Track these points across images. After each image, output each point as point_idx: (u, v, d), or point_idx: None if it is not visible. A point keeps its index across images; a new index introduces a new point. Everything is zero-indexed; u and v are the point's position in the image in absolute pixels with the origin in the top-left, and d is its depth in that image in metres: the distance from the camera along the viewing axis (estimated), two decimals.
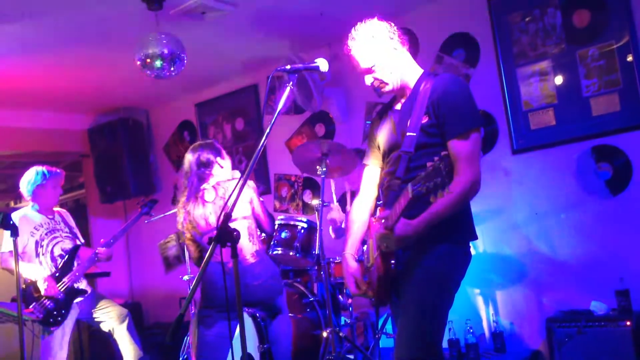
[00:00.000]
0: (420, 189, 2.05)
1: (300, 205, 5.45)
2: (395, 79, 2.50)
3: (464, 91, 2.40)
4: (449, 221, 2.34)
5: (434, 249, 2.37)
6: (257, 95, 5.75)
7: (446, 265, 2.38)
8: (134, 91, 5.90)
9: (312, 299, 4.17)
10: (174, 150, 6.45)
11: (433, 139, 2.37)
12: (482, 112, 4.43)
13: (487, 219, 4.40)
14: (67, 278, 4.08)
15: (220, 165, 3.56)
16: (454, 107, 2.34)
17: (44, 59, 4.75)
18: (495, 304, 4.39)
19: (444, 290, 2.39)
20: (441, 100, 2.35)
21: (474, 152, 2.35)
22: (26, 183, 4.28)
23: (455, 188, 2.27)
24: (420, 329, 2.35)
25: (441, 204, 2.26)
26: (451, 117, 2.34)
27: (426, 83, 2.43)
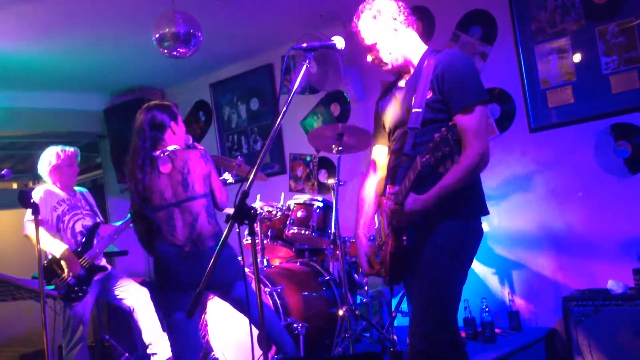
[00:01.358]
0: (429, 159, 2.07)
1: (316, 185, 5.46)
2: (393, 59, 2.50)
3: (467, 65, 2.40)
4: (459, 196, 2.34)
5: (445, 225, 2.37)
6: (272, 75, 5.73)
7: (457, 242, 2.39)
8: (150, 71, 5.91)
9: (328, 277, 4.20)
10: (189, 130, 6.46)
11: (439, 115, 2.37)
12: (499, 90, 4.39)
13: (504, 197, 4.39)
14: (87, 255, 4.14)
15: (173, 131, 3.35)
16: (458, 81, 2.35)
17: (59, 39, 4.77)
18: (511, 282, 4.39)
19: (456, 267, 2.40)
20: (445, 75, 2.36)
21: (481, 125, 2.35)
22: (42, 164, 4.34)
23: (464, 161, 2.29)
24: (434, 306, 2.36)
25: (450, 177, 2.28)
26: (455, 92, 2.34)
27: (430, 59, 2.44)
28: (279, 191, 5.60)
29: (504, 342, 4.01)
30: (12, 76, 5.40)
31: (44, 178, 4.38)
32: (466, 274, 2.45)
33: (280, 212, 4.32)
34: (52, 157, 4.31)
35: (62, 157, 4.33)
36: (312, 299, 4.13)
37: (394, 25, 2.47)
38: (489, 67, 4.42)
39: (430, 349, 2.34)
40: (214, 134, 6.25)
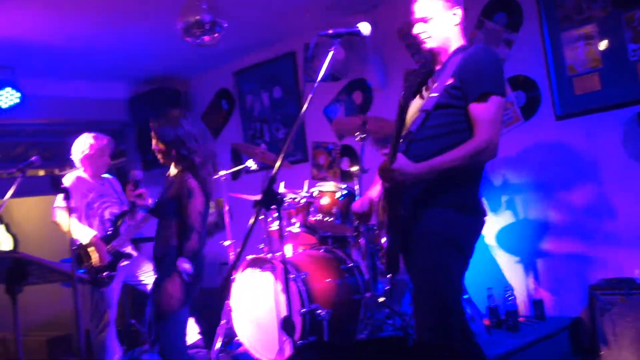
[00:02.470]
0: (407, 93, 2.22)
1: (338, 172, 5.46)
2: (440, 38, 2.52)
3: (490, 58, 2.42)
4: (456, 186, 2.36)
5: (439, 213, 2.38)
6: (294, 62, 5.73)
7: (452, 231, 2.38)
8: (173, 60, 5.95)
9: (351, 264, 4.21)
10: (212, 118, 6.51)
11: (453, 100, 2.39)
12: (524, 77, 4.35)
13: (529, 185, 4.36)
14: (114, 242, 4.20)
15: None
16: (477, 70, 2.37)
17: (84, 28, 4.81)
18: (536, 271, 4.37)
19: (453, 256, 2.39)
20: (467, 64, 2.39)
21: (494, 116, 2.35)
22: (75, 151, 4.41)
23: (469, 143, 2.31)
24: (435, 297, 2.37)
25: (450, 154, 2.31)
26: (473, 80, 2.37)
27: (458, 54, 2.47)
28: (301, 179, 5.62)
29: (528, 331, 4.01)
30: (39, 65, 5.48)
31: (77, 165, 4.45)
32: (466, 263, 2.45)
33: (303, 200, 4.34)
34: (85, 146, 4.36)
35: (95, 147, 4.39)
36: (335, 286, 4.15)
37: (453, 11, 2.51)
38: (514, 54, 4.38)
39: (438, 339, 2.35)
40: (236, 122, 6.28)
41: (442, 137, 2.40)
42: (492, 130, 2.32)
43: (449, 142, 2.37)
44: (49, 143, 7.38)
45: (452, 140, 2.37)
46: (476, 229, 2.46)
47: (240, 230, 5.26)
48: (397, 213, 2.38)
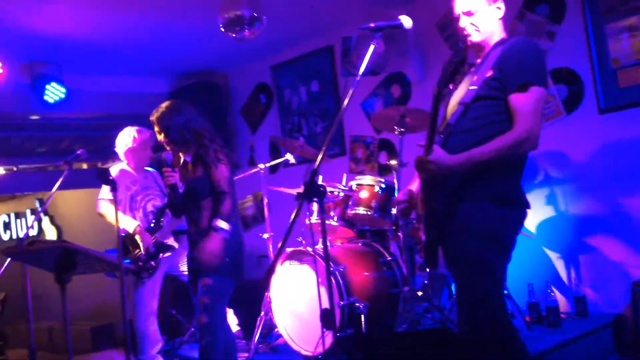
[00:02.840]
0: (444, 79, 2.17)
1: (376, 166, 5.46)
2: (485, 32, 2.50)
3: (530, 49, 2.40)
4: (496, 178, 2.34)
5: (477, 206, 2.36)
6: (332, 56, 5.74)
7: (490, 224, 2.35)
8: (212, 54, 6.02)
9: (389, 258, 4.22)
10: (250, 112, 6.57)
11: (493, 92, 2.37)
12: (567, 70, 4.28)
13: (571, 180, 4.30)
14: (157, 233, 4.29)
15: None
16: (516, 61, 2.34)
17: (126, 24, 4.91)
18: (578, 267, 4.31)
19: (493, 250, 2.36)
20: (507, 56, 2.37)
21: (534, 106, 2.31)
22: (119, 144, 4.50)
23: (508, 135, 2.28)
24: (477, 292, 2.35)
25: (488, 145, 2.28)
26: (512, 71, 2.34)
27: (499, 47, 2.45)
28: (339, 173, 5.64)
29: (569, 327, 3.96)
30: (83, 60, 5.60)
31: (120, 157, 4.55)
32: (506, 257, 2.42)
33: (342, 193, 4.36)
34: (129, 139, 4.45)
35: (138, 141, 4.48)
36: (373, 279, 4.17)
37: (497, 4, 2.50)
38: (556, 47, 4.31)
39: (480, 334, 2.33)
40: (274, 116, 6.33)
41: (481, 129, 2.38)
42: (533, 121, 2.29)
43: (488, 134, 2.34)
44: (92, 137, 7.56)
45: (492, 132, 2.35)
46: (516, 222, 2.43)
47: (279, 223, 5.33)
48: (433, 206, 2.37)
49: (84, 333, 7.46)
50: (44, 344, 7.97)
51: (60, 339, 8.03)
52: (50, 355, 7.74)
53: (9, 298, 8.63)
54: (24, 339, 8.49)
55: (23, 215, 9.73)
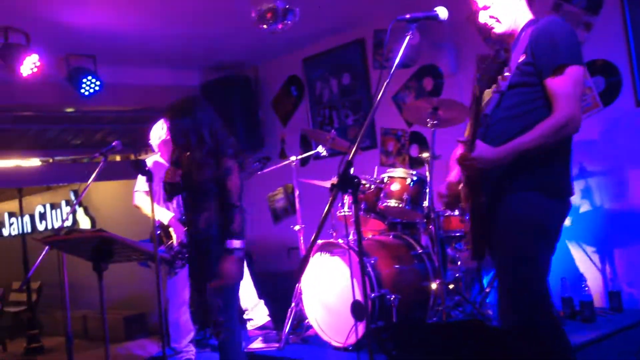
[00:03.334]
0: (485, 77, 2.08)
1: (407, 159, 5.44)
2: (507, 21, 2.47)
3: (562, 28, 2.34)
4: (540, 167, 2.30)
5: (523, 197, 2.33)
6: (364, 49, 5.73)
7: (538, 214, 2.33)
8: (244, 47, 6.06)
9: (421, 251, 4.21)
10: (281, 105, 6.59)
11: (527, 78, 2.33)
12: (603, 62, 4.21)
13: (607, 173, 4.23)
14: None
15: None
16: (549, 43, 2.29)
17: (158, 17, 4.96)
18: (613, 262, 4.24)
19: (538, 240, 2.34)
20: (538, 38, 2.32)
21: (573, 88, 2.27)
22: (153, 136, 4.57)
23: (549, 120, 2.24)
24: (520, 282, 2.33)
25: (530, 134, 2.24)
26: (546, 53, 2.29)
27: (529, 29, 2.41)
28: (369, 166, 5.64)
29: (604, 323, 3.90)
30: (115, 53, 5.68)
31: (154, 149, 4.62)
32: (552, 247, 2.39)
33: (373, 186, 4.36)
34: (163, 131, 4.51)
35: None
36: (404, 272, 4.16)
37: None
38: (593, 38, 4.23)
39: (523, 326, 2.31)
40: (305, 109, 6.34)
41: (519, 118, 2.35)
42: (573, 104, 2.25)
43: (527, 122, 2.31)
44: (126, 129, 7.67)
45: (530, 119, 2.31)
46: (562, 211, 2.40)
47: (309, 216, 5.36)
48: (479, 200, 2.36)
49: (117, 322, 7.60)
50: (78, 332, 8.13)
51: (94, 327, 8.20)
52: (85, 343, 7.90)
53: (44, 287, 8.84)
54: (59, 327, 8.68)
55: (58, 206, 9.93)
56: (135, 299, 7.85)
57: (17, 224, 10.65)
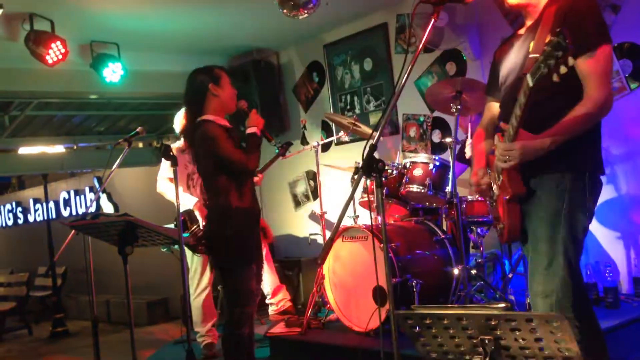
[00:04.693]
0: (542, 71, 1.96)
1: (429, 145, 5.41)
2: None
3: (589, 7, 2.30)
4: (575, 148, 2.28)
5: (561, 177, 2.30)
6: (386, 34, 5.69)
7: (574, 195, 2.31)
8: (266, 33, 6.05)
9: (443, 236, 4.20)
10: (302, 91, 6.59)
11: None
12: (631, 44, 4.14)
13: (632, 158, 4.17)
14: None
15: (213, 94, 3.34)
16: (578, 22, 2.25)
17: (181, 4, 4.97)
18: (638, 247, 4.20)
19: (576, 222, 2.32)
20: (566, 17, 2.27)
21: (604, 68, 2.25)
22: (176, 124, 4.60)
23: (585, 105, 2.21)
24: (556, 264, 2.30)
25: (569, 118, 2.21)
26: (576, 34, 2.21)
27: (552, 5, 2.36)
28: (391, 151, 5.62)
29: (628, 309, 3.88)
30: (138, 40, 5.71)
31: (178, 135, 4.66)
32: (586, 230, 2.38)
33: (395, 171, 4.35)
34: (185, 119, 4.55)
35: None
36: (426, 257, 4.16)
37: None
38: (620, 20, 4.16)
39: (554, 307, 2.31)
40: (327, 95, 6.33)
41: (552, 100, 2.31)
42: (606, 85, 2.24)
43: (561, 104, 2.27)
44: (149, 116, 7.74)
45: (564, 101, 2.28)
46: (597, 189, 2.38)
47: (331, 201, 5.36)
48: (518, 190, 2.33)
49: (140, 306, 7.72)
50: (102, 317, 8.27)
51: (117, 311, 8.33)
52: (109, 327, 8.04)
53: (69, 272, 8.99)
54: (83, 312, 8.85)
55: (82, 192, 10.08)
56: (158, 284, 7.95)
57: (42, 210, 10.83)
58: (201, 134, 3.24)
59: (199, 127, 3.27)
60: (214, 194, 3.31)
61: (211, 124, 3.27)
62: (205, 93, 3.31)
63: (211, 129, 3.23)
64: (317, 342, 4.19)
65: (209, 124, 3.27)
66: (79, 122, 7.77)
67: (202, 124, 3.29)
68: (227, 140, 3.24)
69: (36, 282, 9.65)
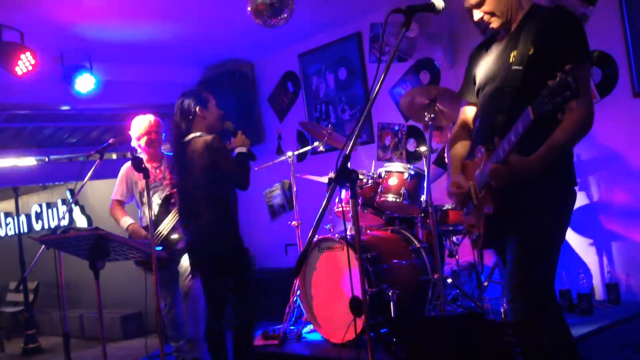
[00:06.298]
0: (546, 106, 1.93)
1: (404, 154, 5.43)
2: (503, 13, 2.42)
3: (573, 23, 2.31)
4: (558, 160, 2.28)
5: (544, 187, 2.31)
6: (360, 43, 5.70)
7: (556, 205, 2.33)
8: (240, 44, 6.03)
9: (419, 245, 4.20)
10: (278, 101, 6.58)
11: (540, 73, 2.25)
12: (600, 53, 4.20)
13: (604, 165, 4.22)
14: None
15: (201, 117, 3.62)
16: (563, 39, 2.26)
17: (154, 14, 4.93)
18: (610, 254, 4.24)
19: (554, 232, 2.35)
20: (548, 30, 2.28)
21: (587, 84, 2.29)
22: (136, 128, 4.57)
23: (573, 122, 2.20)
24: (534, 272, 2.32)
25: (562, 135, 2.21)
26: (559, 49, 2.25)
27: (534, 15, 2.37)
28: (366, 160, 5.62)
29: (602, 315, 3.91)
30: (110, 51, 5.65)
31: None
32: (563, 238, 2.41)
33: (370, 180, 4.34)
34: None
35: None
36: (402, 267, 4.16)
37: None
38: (589, 29, 4.17)
39: (531, 314, 2.31)
40: (302, 104, 6.32)
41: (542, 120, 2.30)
42: (590, 100, 2.26)
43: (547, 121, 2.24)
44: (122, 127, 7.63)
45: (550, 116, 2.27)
46: (573, 201, 2.41)
47: (307, 211, 5.34)
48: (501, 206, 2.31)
49: (114, 321, 7.59)
50: (76, 332, 8.12)
51: (91, 326, 8.19)
52: (83, 342, 7.89)
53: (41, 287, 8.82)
54: (56, 327, 8.68)
55: (54, 205, 9.90)
56: (132, 297, 7.82)
57: (13, 224, 10.61)
58: (204, 146, 3.46)
59: (194, 141, 3.52)
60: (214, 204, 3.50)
61: (215, 137, 3.51)
62: (193, 115, 3.58)
63: (217, 141, 3.47)
64: (293, 354, 4.15)
65: (208, 137, 3.51)
66: (50, 133, 7.65)
67: (198, 138, 3.53)
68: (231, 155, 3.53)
69: (7, 298, 9.45)
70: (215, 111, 3.69)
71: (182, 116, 3.59)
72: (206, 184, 3.51)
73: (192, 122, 3.58)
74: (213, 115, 3.66)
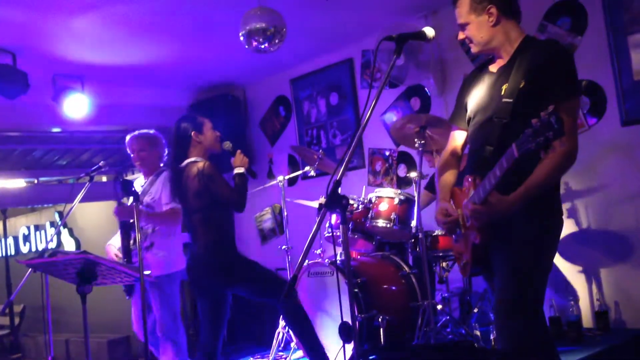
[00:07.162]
0: (529, 145, 1.95)
1: (395, 179, 5.44)
2: (481, 42, 2.46)
3: (565, 59, 2.33)
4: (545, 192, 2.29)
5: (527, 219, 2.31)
6: (352, 69, 5.75)
7: (542, 236, 2.33)
8: (232, 68, 6.06)
9: (409, 271, 4.19)
10: (269, 125, 6.60)
11: (530, 108, 2.27)
12: (588, 82, 4.25)
13: (592, 193, 4.25)
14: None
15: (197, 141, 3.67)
16: (554, 75, 2.28)
17: (148, 39, 4.95)
18: (599, 282, 4.24)
19: (541, 261, 2.35)
20: (542, 67, 2.30)
21: (574, 121, 2.29)
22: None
23: (556, 158, 2.21)
24: (522, 298, 2.31)
25: (540, 174, 2.22)
26: (551, 85, 2.27)
27: (526, 49, 2.39)
28: (357, 185, 5.63)
29: (591, 343, 3.89)
30: (102, 74, 5.66)
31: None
32: (551, 265, 2.41)
33: (361, 205, 4.35)
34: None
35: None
36: (392, 293, 4.14)
37: (485, 11, 2.43)
38: (577, 58, 4.22)
39: (519, 339, 2.30)
40: (293, 129, 6.34)
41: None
42: (574, 138, 2.27)
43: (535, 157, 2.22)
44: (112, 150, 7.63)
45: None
46: (560, 230, 2.42)
47: (297, 236, 5.33)
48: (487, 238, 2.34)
49: (100, 346, 7.50)
50: (61, 356, 8.01)
51: (77, 351, 8.08)
52: None
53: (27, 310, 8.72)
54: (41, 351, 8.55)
55: (42, 227, 9.84)
56: (120, 321, 7.73)
57: (0, 246, 10.51)
58: (199, 172, 3.52)
59: (188, 167, 3.58)
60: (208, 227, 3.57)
61: (205, 163, 3.57)
62: (189, 140, 3.65)
63: (208, 168, 3.53)
64: None
65: (200, 163, 3.56)
66: (40, 155, 7.62)
67: (192, 164, 3.59)
68: (223, 179, 3.56)
69: None
70: (211, 134, 3.74)
71: (178, 141, 3.65)
72: (200, 209, 3.57)
73: (189, 147, 3.64)
74: (209, 138, 3.71)
